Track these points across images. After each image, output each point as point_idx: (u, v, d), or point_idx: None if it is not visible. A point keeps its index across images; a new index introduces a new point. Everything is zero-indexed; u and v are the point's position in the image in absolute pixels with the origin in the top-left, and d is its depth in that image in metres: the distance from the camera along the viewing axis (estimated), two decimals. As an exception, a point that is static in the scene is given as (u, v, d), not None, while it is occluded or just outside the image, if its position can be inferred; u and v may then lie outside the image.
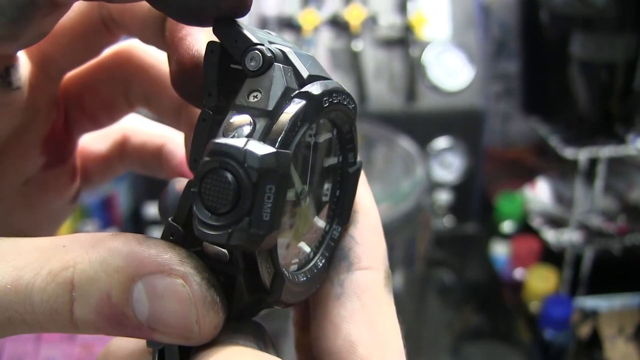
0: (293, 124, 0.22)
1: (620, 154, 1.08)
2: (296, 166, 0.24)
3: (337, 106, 0.24)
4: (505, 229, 1.18)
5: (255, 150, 0.20)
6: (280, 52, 0.23)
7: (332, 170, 0.26)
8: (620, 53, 1.06)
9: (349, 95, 0.24)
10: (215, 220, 0.21)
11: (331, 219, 0.26)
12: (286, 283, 0.23)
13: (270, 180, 0.21)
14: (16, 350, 0.96)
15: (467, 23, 1.12)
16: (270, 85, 0.22)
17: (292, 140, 0.22)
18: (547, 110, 1.18)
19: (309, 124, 0.23)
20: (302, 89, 0.23)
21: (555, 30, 1.13)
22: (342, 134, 0.26)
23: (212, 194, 0.21)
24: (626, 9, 1.05)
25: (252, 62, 0.23)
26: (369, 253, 0.25)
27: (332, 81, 0.24)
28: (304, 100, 0.22)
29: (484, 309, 1.09)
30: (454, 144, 1.11)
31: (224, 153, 0.21)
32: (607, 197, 1.19)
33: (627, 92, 1.08)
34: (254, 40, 0.23)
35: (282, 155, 0.21)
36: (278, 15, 1.08)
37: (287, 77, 0.23)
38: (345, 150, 0.26)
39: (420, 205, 0.89)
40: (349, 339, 0.23)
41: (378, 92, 1.09)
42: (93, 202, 1.02)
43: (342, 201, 0.26)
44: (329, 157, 0.26)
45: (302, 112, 0.22)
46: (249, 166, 0.20)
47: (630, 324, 1.09)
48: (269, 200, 0.21)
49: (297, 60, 0.23)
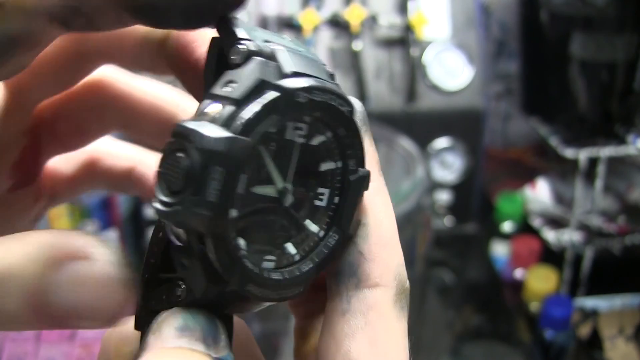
0: (258, 114, 0.22)
1: (620, 154, 1.08)
2: (275, 162, 0.24)
3: (322, 105, 0.24)
4: (505, 229, 1.18)
5: (207, 133, 0.21)
6: (269, 49, 0.24)
7: (330, 175, 0.26)
8: (620, 53, 1.06)
9: (341, 96, 0.24)
10: (169, 198, 0.22)
11: (328, 226, 0.26)
12: (248, 275, 0.23)
13: (219, 163, 0.21)
14: (16, 350, 0.96)
15: (467, 23, 1.12)
16: (244, 76, 0.23)
17: (254, 129, 0.22)
18: (547, 110, 1.18)
19: (279, 117, 0.23)
20: (276, 82, 0.23)
21: (555, 30, 1.13)
22: (339, 138, 0.26)
23: (169, 173, 0.22)
24: (626, 9, 1.05)
25: (235, 55, 0.23)
26: (378, 270, 0.25)
27: (321, 80, 0.24)
28: (275, 92, 0.23)
29: (484, 309, 1.09)
30: (454, 144, 1.11)
31: (180, 134, 0.22)
32: (607, 197, 1.19)
33: (627, 92, 1.08)
34: (240, 35, 0.24)
35: (236, 141, 0.22)
36: (278, 15, 1.08)
37: (264, 70, 0.23)
38: (345, 156, 0.26)
39: (420, 205, 0.89)
40: (348, 355, 0.23)
41: (378, 92, 1.09)
42: (92, 202, 1.02)
43: (340, 209, 0.26)
44: (325, 161, 0.26)
45: (271, 104, 0.22)
46: (198, 147, 0.21)
47: (630, 324, 1.09)
48: (216, 182, 0.21)
49: (286, 58, 0.24)
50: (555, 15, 1.11)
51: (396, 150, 1.00)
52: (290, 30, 1.09)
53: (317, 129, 0.25)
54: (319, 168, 0.26)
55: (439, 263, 1.14)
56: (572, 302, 1.04)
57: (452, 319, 1.07)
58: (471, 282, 1.16)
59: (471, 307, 1.10)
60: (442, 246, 1.15)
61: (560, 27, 1.11)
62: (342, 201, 0.26)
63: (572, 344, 1.03)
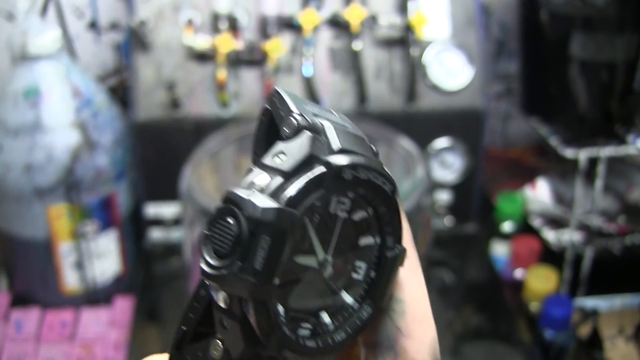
0: (305, 187, 0.23)
1: (620, 154, 1.08)
2: (317, 234, 0.25)
3: (366, 183, 0.25)
4: (505, 229, 1.18)
5: (257, 202, 0.22)
6: (319, 123, 0.25)
7: (368, 250, 0.27)
8: (620, 53, 1.06)
9: (385, 176, 0.26)
10: (216, 261, 0.23)
11: (362, 299, 0.27)
12: (285, 341, 0.24)
13: (267, 232, 0.22)
14: (16, 350, 0.96)
15: (467, 23, 1.12)
16: (295, 150, 0.24)
17: (302, 202, 0.23)
18: (547, 110, 1.18)
19: (325, 192, 0.24)
20: (325, 158, 0.24)
21: (555, 30, 1.13)
22: (379, 215, 0.27)
23: (218, 237, 0.23)
24: (626, 9, 1.05)
25: (287, 128, 0.25)
26: (414, 346, 0.27)
27: (367, 158, 0.25)
28: (323, 168, 0.24)
29: (484, 309, 1.09)
30: (454, 144, 1.11)
31: (231, 200, 0.23)
32: (607, 197, 1.19)
33: (627, 92, 1.08)
34: (293, 109, 0.25)
35: (283, 212, 0.22)
36: (278, 15, 1.08)
37: (314, 145, 0.24)
38: (384, 232, 0.27)
39: (420, 205, 0.89)
40: None
41: (378, 92, 1.09)
42: (93, 202, 1.02)
43: (376, 284, 0.27)
44: (364, 236, 0.27)
45: (318, 179, 0.23)
46: (248, 215, 0.22)
47: (630, 324, 1.09)
48: (263, 250, 0.22)
49: (333, 134, 0.25)
50: (555, 15, 1.11)
51: (396, 150, 1.00)
52: (290, 30, 1.09)
53: (359, 205, 0.26)
54: (359, 242, 0.27)
55: (439, 263, 1.14)
56: (572, 302, 1.04)
57: (452, 319, 1.07)
58: (471, 282, 1.16)
59: (471, 307, 1.10)
60: (442, 246, 1.15)
61: (560, 27, 1.11)
62: (378, 276, 0.27)
63: (572, 344, 1.03)
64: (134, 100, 1.07)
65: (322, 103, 1.09)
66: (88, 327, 0.99)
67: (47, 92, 0.98)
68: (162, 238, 1.12)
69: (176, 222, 1.09)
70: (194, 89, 1.07)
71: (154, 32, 1.08)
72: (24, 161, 0.98)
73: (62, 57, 1.01)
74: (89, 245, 1.03)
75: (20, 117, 0.98)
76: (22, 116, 0.98)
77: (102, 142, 1.02)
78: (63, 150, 0.98)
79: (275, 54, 1.06)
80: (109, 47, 1.26)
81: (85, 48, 1.25)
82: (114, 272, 1.08)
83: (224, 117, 1.07)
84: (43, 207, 0.99)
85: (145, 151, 1.08)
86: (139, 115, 1.07)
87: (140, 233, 1.13)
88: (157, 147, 1.08)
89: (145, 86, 1.07)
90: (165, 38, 1.08)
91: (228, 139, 1.01)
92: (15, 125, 0.98)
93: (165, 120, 1.07)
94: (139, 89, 1.07)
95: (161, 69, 1.07)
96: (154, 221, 1.11)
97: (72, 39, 1.23)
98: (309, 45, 1.08)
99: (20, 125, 0.98)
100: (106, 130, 1.03)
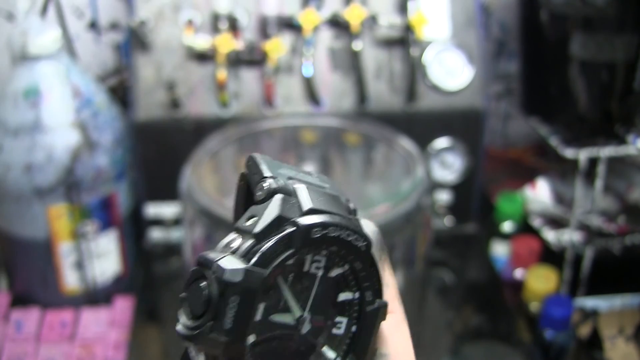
0: (273, 247, 0.24)
1: (620, 154, 1.08)
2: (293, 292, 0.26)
3: (338, 241, 0.26)
4: (505, 229, 1.18)
5: (225, 264, 0.23)
6: (290, 187, 0.26)
7: (348, 305, 0.28)
8: (620, 53, 1.06)
9: (356, 232, 0.26)
10: (191, 322, 0.24)
11: (345, 354, 0.28)
12: None
13: (235, 292, 0.23)
14: (16, 350, 0.96)
15: (467, 23, 1.12)
16: (265, 212, 0.25)
17: (271, 262, 0.24)
18: (547, 110, 1.18)
19: (294, 251, 0.25)
20: (293, 219, 0.25)
21: (555, 30, 1.13)
22: (356, 271, 0.27)
23: (192, 299, 0.24)
24: (626, 9, 1.05)
25: (259, 191, 0.26)
26: None
27: (339, 217, 0.26)
28: (291, 228, 0.25)
29: (484, 309, 1.09)
30: (454, 144, 1.11)
31: (201, 263, 0.24)
32: (607, 197, 1.19)
33: (627, 92, 1.08)
34: (266, 173, 0.26)
35: (251, 272, 0.23)
36: (278, 15, 1.08)
37: (284, 207, 0.25)
38: (363, 287, 0.27)
39: (420, 205, 0.89)
40: None
41: (378, 92, 1.09)
42: (92, 202, 1.02)
43: (357, 338, 0.28)
44: (343, 291, 0.27)
45: (286, 238, 0.24)
46: (216, 277, 0.23)
47: (630, 324, 1.09)
48: (232, 310, 0.23)
49: (305, 195, 0.26)
50: (555, 15, 1.11)
51: (396, 150, 1.00)
52: (291, 31, 1.09)
53: (335, 262, 0.27)
54: (338, 298, 0.27)
55: (439, 263, 1.14)
56: (572, 302, 1.04)
57: (452, 319, 1.07)
58: (471, 282, 1.16)
59: (471, 307, 1.10)
60: (442, 246, 1.15)
61: (560, 27, 1.11)
62: (359, 330, 0.27)
63: (572, 344, 1.03)
64: (134, 100, 1.07)
65: (322, 103, 1.09)
66: (88, 327, 0.99)
67: (47, 92, 0.98)
68: (162, 238, 1.12)
69: (176, 222, 1.09)
70: (194, 89, 1.07)
71: (154, 32, 1.08)
72: (24, 161, 0.98)
73: (62, 57, 1.01)
74: (89, 245, 1.03)
75: (20, 117, 0.98)
76: (22, 116, 0.98)
77: (102, 142, 1.02)
78: (63, 150, 0.99)
79: (275, 54, 1.06)
80: (109, 47, 1.26)
81: (85, 48, 1.25)
82: (114, 272, 1.08)
83: (224, 117, 1.07)
84: (43, 207, 0.99)
85: (145, 151, 1.08)
86: (139, 115, 1.07)
87: (140, 233, 1.13)
88: (157, 147, 1.08)
89: (145, 86, 1.07)
90: (165, 38, 1.08)
91: (228, 139, 1.01)
92: (15, 125, 0.98)
93: (165, 120, 1.07)
94: (139, 89, 1.07)
95: (161, 69, 1.07)
96: (154, 221, 1.11)
97: (72, 39, 1.23)
98: (309, 45, 1.08)
99: (20, 125, 0.98)
100: (106, 130, 1.03)
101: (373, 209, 0.87)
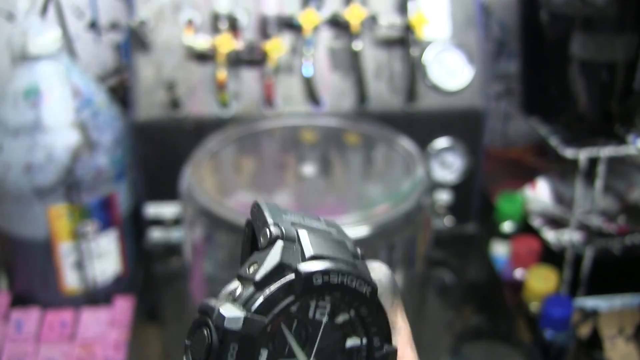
0: (274, 295, 0.24)
1: (620, 154, 1.08)
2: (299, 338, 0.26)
3: (341, 287, 0.26)
4: (505, 229, 1.18)
5: (224, 312, 0.24)
6: (293, 233, 0.26)
7: (356, 351, 0.28)
8: (620, 53, 1.06)
9: (360, 277, 0.26)
10: None
11: None
12: None
13: (235, 340, 0.23)
14: (16, 350, 0.96)
15: (467, 23, 1.12)
16: (266, 259, 0.25)
17: (271, 309, 0.24)
18: (547, 110, 1.18)
19: (295, 298, 0.25)
20: (295, 265, 0.25)
21: (555, 30, 1.13)
22: (362, 316, 0.27)
23: (194, 346, 0.24)
24: (626, 9, 1.05)
25: (262, 238, 0.26)
26: None
27: (343, 263, 0.26)
28: (292, 275, 0.25)
29: (484, 309, 1.09)
30: (454, 144, 1.11)
31: (203, 311, 0.24)
32: (607, 197, 1.19)
33: (627, 92, 1.08)
34: (269, 220, 0.26)
35: (251, 320, 0.24)
36: (278, 15, 1.08)
37: (285, 254, 0.25)
38: (370, 333, 0.27)
39: (420, 205, 0.89)
40: None
41: (378, 92, 1.09)
42: (92, 201, 1.02)
43: None
44: (350, 337, 0.27)
45: (287, 286, 0.25)
46: (216, 324, 0.24)
47: (630, 324, 1.09)
48: (232, 358, 0.23)
49: (307, 241, 0.26)
50: (555, 15, 1.11)
51: (396, 150, 1.00)
52: (290, 31, 1.09)
53: (340, 308, 0.27)
54: (345, 344, 0.27)
55: (439, 263, 1.14)
56: (572, 302, 1.04)
57: (452, 319, 1.07)
58: (471, 282, 1.16)
59: (471, 307, 1.10)
60: (442, 246, 1.15)
61: (560, 27, 1.11)
62: None
63: (572, 344, 1.03)
64: (134, 100, 1.07)
65: (322, 103, 1.09)
66: (88, 327, 0.99)
67: (47, 92, 0.98)
68: (162, 238, 1.12)
69: (176, 222, 1.09)
70: (194, 89, 1.07)
71: (154, 32, 1.08)
72: (24, 161, 0.98)
73: (62, 57, 1.01)
74: (89, 245, 1.03)
75: (20, 117, 0.98)
76: (22, 116, 0.98)
77: (102, 142, 1.02)
78: (63, 150, 0.99)
79: (275, 54, 1.06)
80: (109, 47, 1.26)
81: (85, 48, 1.25)
82: (114, 272, 1.08)
83: (224, 117, 1.07)
84: (43, 207, 0.99)
85: (145, 151, 1.08)
86: (139, 115, 1.07)
87: (140, 233, 1.13)
88: (157, 147, 1.08)
89: (145, 86, 1.07)
90: (165, 38, 1.08)
91: (228, 139, 1.01)
92: (15, 125, 0.98)
93: (165, 120, 1.07)
94: (139, 89, 1.07)
95: (161, 69, 1.07)
96: (154, 221, 1.11)
97: (72, 39, 1.23)
98: (309, 45, 1.08)
99: (20, 125, 0.98)
100: (106, 130, 1.03)
101: (373, 209, 0.87)
